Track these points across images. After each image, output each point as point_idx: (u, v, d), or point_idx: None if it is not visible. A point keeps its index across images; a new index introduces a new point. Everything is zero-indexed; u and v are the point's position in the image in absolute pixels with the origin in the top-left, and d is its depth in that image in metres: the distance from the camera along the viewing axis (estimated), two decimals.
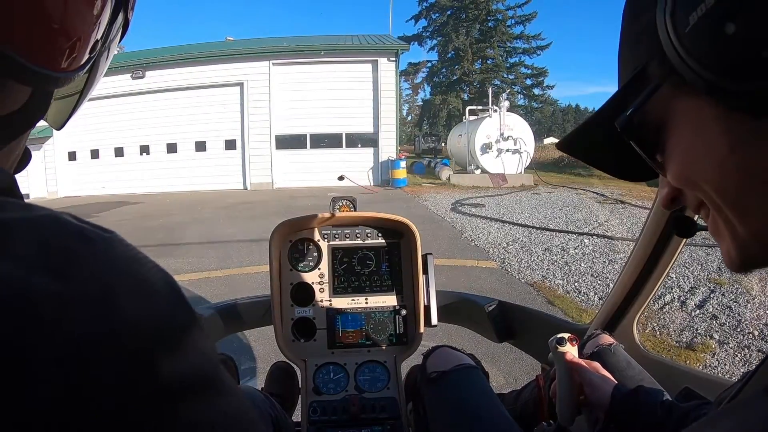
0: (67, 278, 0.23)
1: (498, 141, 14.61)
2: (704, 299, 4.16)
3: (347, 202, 1.40)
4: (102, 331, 0.23)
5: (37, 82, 0.33)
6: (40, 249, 0.23)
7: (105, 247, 0.26)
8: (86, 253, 0.24)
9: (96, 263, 0.24)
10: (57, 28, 0.33)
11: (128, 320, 0.23)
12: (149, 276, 0.26)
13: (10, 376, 0.20)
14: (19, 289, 0.21)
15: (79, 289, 0.23)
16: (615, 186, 12.97)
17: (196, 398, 0.25)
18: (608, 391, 0.80)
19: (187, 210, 10.69)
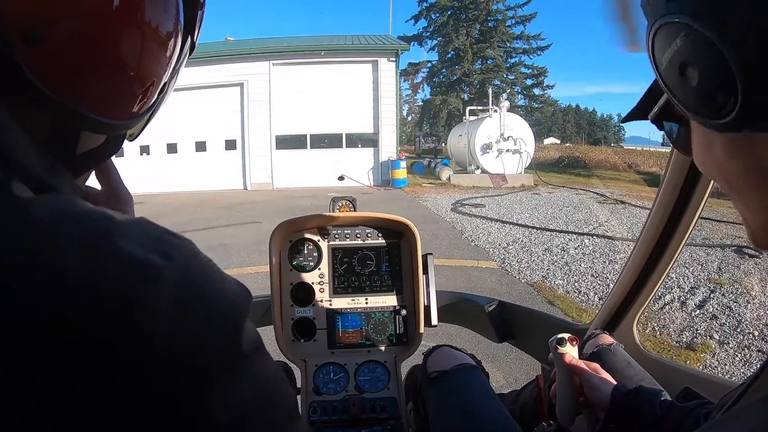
0: (171, 258, 0.30)
1: (498, 141, 14.61)
2: (704, 299, 4.16)
3: (347, 202, 1.40)
4: (200, 300, 0.30)
5: (110, 130, 0.39)
6: (144, 236, 0.30)
7: (188, 242, 0.33)
8: (178, 243, 0.32)
9: (188, 251, 0.32)
10: (128, 82, 0.37)
11: (218, 296, 0.32)
12: (223, 276, 0.33)
13: (142, 333, 0.27)
14: (143, 261, 0.28)
15: (182, 268, 0.30)
16: (615, 186, 12.97)
17: (257, 356, 0.34)
18: (608, 392, 0.80)
19: (187, 210, 10.69)
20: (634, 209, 9.00)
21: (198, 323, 0.29)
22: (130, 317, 0.27)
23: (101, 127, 0.38)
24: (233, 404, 0.31)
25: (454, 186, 14.13)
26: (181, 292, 0.29)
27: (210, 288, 0.31)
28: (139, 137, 0.50)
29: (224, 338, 0.31)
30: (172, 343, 0.28)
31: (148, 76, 0.38)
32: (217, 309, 0.31)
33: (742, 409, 0.35)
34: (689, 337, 3.49)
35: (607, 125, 57.54)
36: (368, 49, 16.13)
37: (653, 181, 13.17)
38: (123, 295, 0.27)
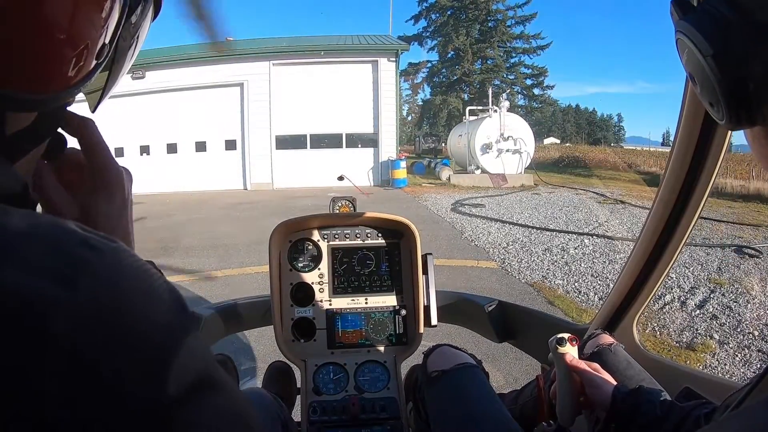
0: (75, 287, 0.23)
1: (498, 141, 14.61)
2: (704, 299, 4.16)
3: (347, 202, 1.40)
4: (111, 339, 0.23)
5: (40, 106, 0.33)
6: (46, 257, 0.23)
7: (112, 255, 0.26)
8: (94, 261, 0.25)
9: (105, 272, 0.25)
10: (52, 47, 0.31)
11: (137, 328, 0.24)
12: (155, 285, 0.27)
13: (15, 388, 0.21)
14: (27, 297, 0.21)
15: (89, 297, 0.23)
16: (615, 186, 12.98)
17: (195, 398, 0.25)
18: (609, 392, 0.80)
19: (187, 210, 10.69)
20: (634, 209, 8.99)
21: (102, 378, 0.22)
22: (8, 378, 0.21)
23: (27, 105, 0.32)
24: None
25: (454, 186, 14.13)
26: (79, 330, 0.22)
27: (126, 319, 0.24)
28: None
29: (143, 389, 0.23)
30: (67, 410, 0.21)
31: (78, 38, 0.32)
32: (134, 346, 0.24)
33: (745, 409, 0.35)
34: (689, 337, 3.49)
35: (607, 125, 57.53)
36: (368, 49, 16.13)
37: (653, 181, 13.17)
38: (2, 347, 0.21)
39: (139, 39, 0.42)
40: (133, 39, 0.41)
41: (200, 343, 0.28)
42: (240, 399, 0.29)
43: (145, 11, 0.41)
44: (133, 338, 0.24)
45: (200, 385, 0.26)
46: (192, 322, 0.28)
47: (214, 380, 0.27)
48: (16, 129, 0.33)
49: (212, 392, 0.27)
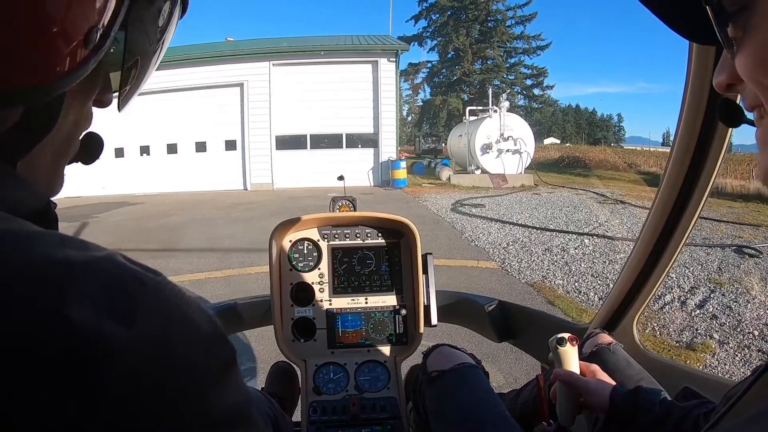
0: (132, 323, 0.24)
1: (498, 141, 14.62)
2: (704, 299, 4.16)
3: (347, 202, 1.40)
4: (161, 372, 0.24)
5: (23, 99, 0.31)
6: (104, 293, 0.24)
7: (157, 290, 0.27)
8: (144, 297, 0.26)
9: (153, 307, 0.26)
10: (40, 36, 0.29)
11: (182, 360, 0.25)
12: (195, 317, 0.28)
13: (86, 409, 0.22)
14: (93, 333, 0.23)
15: (144, 334, 0.24)
16: (615, 186, 12.98)
17: (234, 430, 0.27)
18: (606, 395, 0.80)
19: (187, 210, 10.70)
20: (634, 209, 9.00)
21: (159, 397, 0.24)
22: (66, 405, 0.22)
23: (12, 98, 0.30)
24: None
25: (454, 186, 14.13)
26: (139, 365, 0.23)
27: (175, 355, 0.25)
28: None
29: (185, 426, 0.25)
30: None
31: (63, 24, 0.30)
32: (187, 381, 0.25)
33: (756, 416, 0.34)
34: (689, 337, 3.49)
35: (607, 125, 57.53)
36: (368, 49, 16.13)
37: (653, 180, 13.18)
38: (61, 384, 0.22)
39: (165, 41, 0.41)
40: (159, 40, 0.40)
41: (239, 380, 0.29)
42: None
43: (171, 11, 0.40)
44: (178, 368, 0.25)
45: (233, 420, 0.27)
46: (231, 355, 0.28)
47: (247, 417, 0.28)
48: (6, 127, 0.31)
49: (249, 425, 0.28)
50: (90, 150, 0.41)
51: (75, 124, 0.38)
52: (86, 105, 0.39)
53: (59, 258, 0.25)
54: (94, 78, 0.37)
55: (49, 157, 0.36)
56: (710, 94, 0.83)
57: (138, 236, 7.73)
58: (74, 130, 0.39)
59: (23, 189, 0.31)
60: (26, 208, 0.30)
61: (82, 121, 0.39)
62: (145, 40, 0.39)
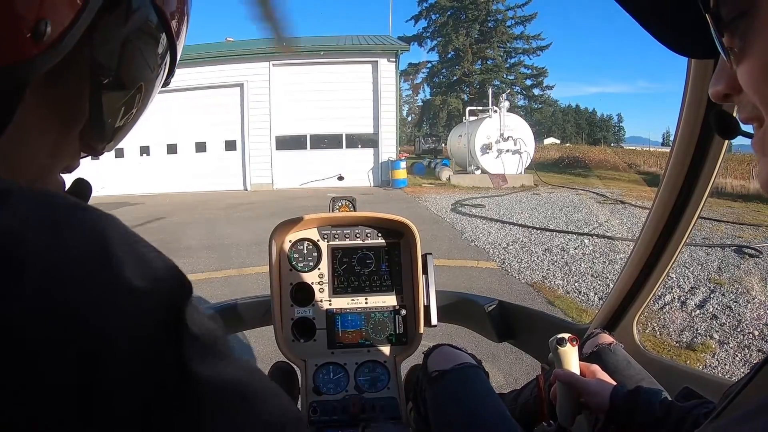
0: (62, 231, 0.22)
1: (498, 141, 14.62)
2: (704, 299, 4.16)
3: (347, 202, 1.40)
4: (96, 288, 0.22)
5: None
6: (38, 208, 0.23)
7: (104, 216, 0.25)
8: (83, 216, 0.24)
9: (93, 225, 0.24)
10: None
11: (126, 282, 0.23)
12: (146, 248, 0.25)
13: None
14: (14, 240, 0.21)
15: (74, 245, 0.22)
16: (615, 186, 12.98)
17: (207, 361, 0.25)
18: (606, 396, 0.80)
19: (187, 211, 10.70)
20: (634, 209, 9.00)
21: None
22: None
23: None
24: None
25: (454, 186, 14.13)
26: (57, 277, 0.21)
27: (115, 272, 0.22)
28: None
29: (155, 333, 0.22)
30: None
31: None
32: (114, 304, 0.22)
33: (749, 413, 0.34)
34: (689, 337, 3.49)
35: (607, 125, 57.55)
36: (368, 49, 16.13)
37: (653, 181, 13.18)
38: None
39: (149, 79, 0.39)
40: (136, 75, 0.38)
41: (199, 310, 0.27)
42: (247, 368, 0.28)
43: (162, 52, 0.37)
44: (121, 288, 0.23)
45: (212, 347, 0.26)
46: (188, 286, 0.26)
47: (223, 346, 0.27)
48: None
49: (221, 357, 0.26)
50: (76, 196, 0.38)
51: (52, 156, 0.36)
52: (66, 139, 0.36)
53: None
54: (73, 108, 0.35)
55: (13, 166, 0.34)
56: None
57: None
58: (51, 163, 0.36)
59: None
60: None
61: (63, 156, 0.37)
62: (124, 67, 0.36)
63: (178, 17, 0.39)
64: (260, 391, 0.27)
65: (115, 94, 0.38)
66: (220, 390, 0.24)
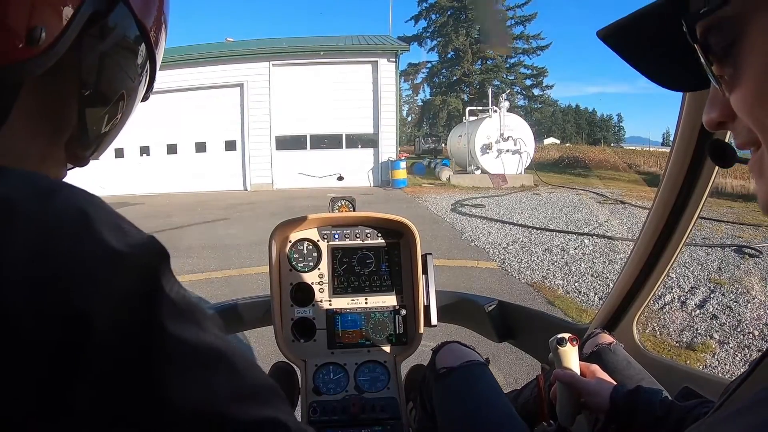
0: (51, 202, 0.24)
1: (498, 141, 14.61)
2: (704, 299, 4.16)
3: (346, 202, 1.40)
4: (80, 251, 0.24)
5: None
6: (30, 183, 0.25)
7: (89, 194, 0.27)
8: (70, 192, 0.26)
9: (77, 197, 0.26)
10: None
11: (107, 245, 0.25)
12: (127, 224, 0.27)
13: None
14: (5, 206, 0.23)
15: (60, 211, 0.24)
16: (615, 186, 12.98)
17: (183, 324, 0.26)
18: (606, 396, 0.80)
19: (187, 211, 10.70)
20: (634, 209, 8.99)
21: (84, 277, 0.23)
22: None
23: None
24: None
25: (454, 186, 14.13)
26: (47, 234, 0.23)
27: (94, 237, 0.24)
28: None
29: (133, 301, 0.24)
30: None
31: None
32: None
33: (743, 408, 0.34)
34: (689, 337, 3.49)
35: (607, 125, 57.55)
36: (368, 49, 16.14)
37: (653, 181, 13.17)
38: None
39: (132, 89, 0.41)
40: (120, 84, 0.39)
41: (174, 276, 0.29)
42: (220, 336, 0.30)
43: (142, 61, 0.39)
44: (98, 251, 0.25)
45: (186, 311, 0.27)
46: (164, 253, 0.28)
47: (198, 312, 0.28)
48: None
49: (196, 321, 0.28)
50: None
51: (40, 163, 0.37)
52: (53, 147, 0.38)
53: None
54: (60, 115, 0.37)
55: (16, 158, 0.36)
56: None
57: None
58: (38, 170, 0.37)
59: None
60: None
61: (49, 164, 0.39)
62: (110, 75, 0.38)
63: (156, 27, 0.41)
64: (235, 359, 0.28)
65: (101, 102, 0.39)
66: (192, 351, 0.26)
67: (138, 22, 0.38)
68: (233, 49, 16.88)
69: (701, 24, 0.31)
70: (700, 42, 0.32)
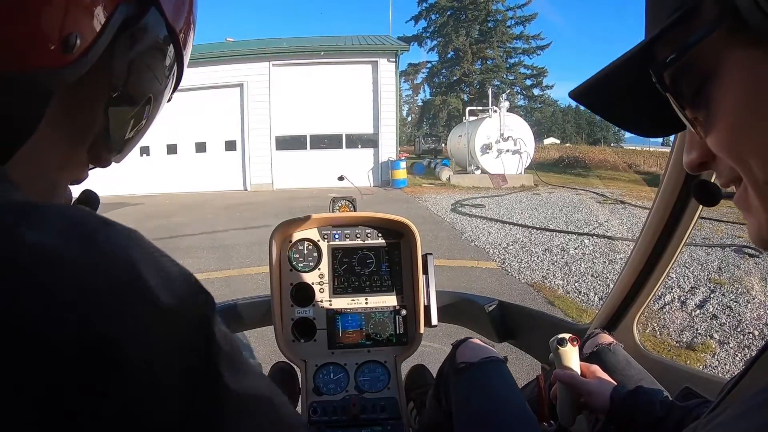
0: (93, 247, 0.23)
1: (498, 141, 14.61)
2: (704, 299, 4.16)
3: (347, 202, 1.40)
4: (128, 307, 0.22)
5: (15, 86, 0.29)
6: (68, 224, 0.24)
7: (129, 232, 0.26)
8: (111, 233, 0.25)
9: (119, 240, 0.25)
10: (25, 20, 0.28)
11: (157, 301, 0.23)
12: (170, 263, 0.26)
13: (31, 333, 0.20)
14: (49, 252, 0.22)
15: (104, 253, 0.23)
16: (615, 186, 12.98)
17: (234, 372, 0.26)
18: (607, 396, 0.80)
19: (187, 211, 10.70)
20: (634, 209, 8.99)
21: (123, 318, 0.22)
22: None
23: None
24: None
25: (454, 186, 14.13)
26: (84, 277, 0.22)
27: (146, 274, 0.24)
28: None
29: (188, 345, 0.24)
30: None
31: (40, 24, 0.29)
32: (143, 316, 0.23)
33: (740, 403, 0.34)
34: (689, 337, 3.49)
35: (607, 125, 57.53)
36: (368, 49, 16.14)
37: (653, 180, 13.17)
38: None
39: (158, 92, 0.40)
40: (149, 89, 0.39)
41: (220, 323, 0.28)
42: (265, 384, 0.31)
43: (170, 63, 0.39)
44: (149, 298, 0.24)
45: (231, 361, 0.27)
46: (210, 300, 0.27)
47: (242, 359, 0.28)
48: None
49: (241, 372, 0.28)
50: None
51: (61, 169, 0.36)
52: (76, 151, 0.37)
53: (18, 200, 0.24)
54: (85, 121, 0.36)
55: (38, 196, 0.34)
56: None
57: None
58: (60, 176, 0.37)
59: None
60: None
61: (71, 168, 0.38)
62: (137, 80, 0.38)
63: (185, 29, 0.41)
64: (274, 399, 0.29)
65: (127, 106, 0.39)
66: (244, 399, 0.26)
67: (168, 25, 0.37)
68: (233, 49, 16.88)
69: (669, 71, 0.31)
70: (670, 89, 0.32)
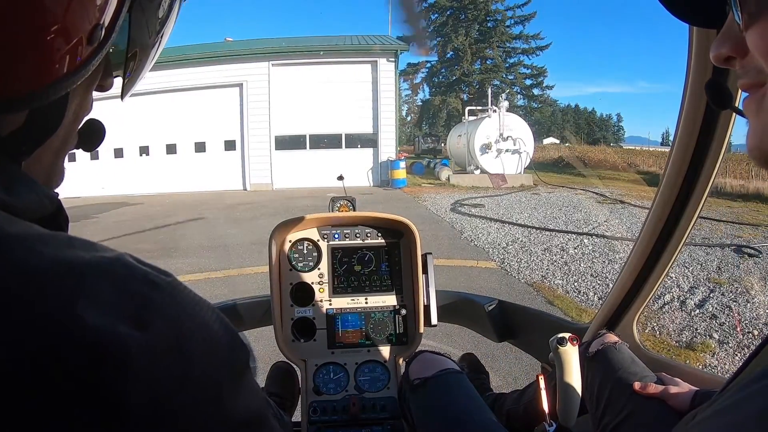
0: (147, 327, 0.24)
1: (497, 141, 14.62)
2: (704, 299, 4.16)
3: (346, 202, 1.40)
4: (178, 375, 0.24)
5: (25, 104, 0.30)
6: (116, 295, 0.24)
7: (171, 293, 0.27)
8: (157, 300, 0.26)
9: (167, 310, 0.26)
10: (37, 40, 0.28)
11: (198, 366, 0.26)
12: (211, 322, 0.28)
13: (110, 418, 0.22)
14: (107, 337, 0.22)
15: (158, 337, 0.24)
16: (615, 186, 12.98)
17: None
18: (689, 397, 0.82)
19: (186, 211, 10.69)
20: (633, 209, 9.00)
21: (178, 403, 0.24)
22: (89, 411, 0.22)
23: (14, 106, 0.29)
24: None
25: (454, 186, 14.13)
26: (155, 369, 0.24)
27: (189, 357, 0.25)
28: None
29: (201, 426, 0.26)
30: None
31: (59, 24, 0.28)
32: (198, 384, 0.26)
33: (736, 388, 0.34)
34: (689, 336, 3.49)
35: (607, 125, 57.57)
36: (367, 49, 16.13)
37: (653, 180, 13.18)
38: (77, 388, 0.22)
39: (167, 27, 0.40)
40: (162, 26, 0.39)
41: (253, 382, 0.30)
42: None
43: (172, 2, 0.39)
44: (194, 372, 0.25)
45: (250, 423, 0.29)
46: (246, 358, 0.29)
47: (263, 420, 0.30)
48: (10, 130, 0.31)
49: (264, 429, 0.31)
50: (90, 137, 0.40)
51: (75, 115, 0.37)
52: (88, 95, 0.38)
53: (67, 259, 0.24)
54: (96, 68, 0.36)
55: (51, 152, 0.36)
56: None
57: (137, 237, 7.72)
58: (74, 121, 0.37)
59: (33, 191, 0.30)
60: (37, 212, 0.30)
61: (83, 111, 0.38)
62: (146, 30, 0.38)
63: None
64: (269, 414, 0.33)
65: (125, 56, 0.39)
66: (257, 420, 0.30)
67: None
68: (233, 49, 16.88)
69: None
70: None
